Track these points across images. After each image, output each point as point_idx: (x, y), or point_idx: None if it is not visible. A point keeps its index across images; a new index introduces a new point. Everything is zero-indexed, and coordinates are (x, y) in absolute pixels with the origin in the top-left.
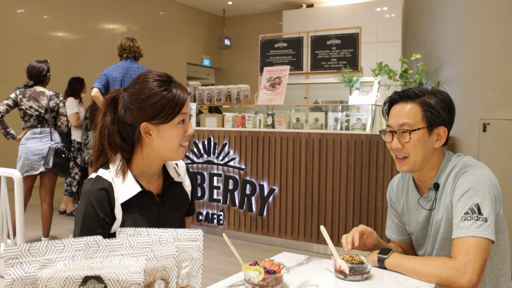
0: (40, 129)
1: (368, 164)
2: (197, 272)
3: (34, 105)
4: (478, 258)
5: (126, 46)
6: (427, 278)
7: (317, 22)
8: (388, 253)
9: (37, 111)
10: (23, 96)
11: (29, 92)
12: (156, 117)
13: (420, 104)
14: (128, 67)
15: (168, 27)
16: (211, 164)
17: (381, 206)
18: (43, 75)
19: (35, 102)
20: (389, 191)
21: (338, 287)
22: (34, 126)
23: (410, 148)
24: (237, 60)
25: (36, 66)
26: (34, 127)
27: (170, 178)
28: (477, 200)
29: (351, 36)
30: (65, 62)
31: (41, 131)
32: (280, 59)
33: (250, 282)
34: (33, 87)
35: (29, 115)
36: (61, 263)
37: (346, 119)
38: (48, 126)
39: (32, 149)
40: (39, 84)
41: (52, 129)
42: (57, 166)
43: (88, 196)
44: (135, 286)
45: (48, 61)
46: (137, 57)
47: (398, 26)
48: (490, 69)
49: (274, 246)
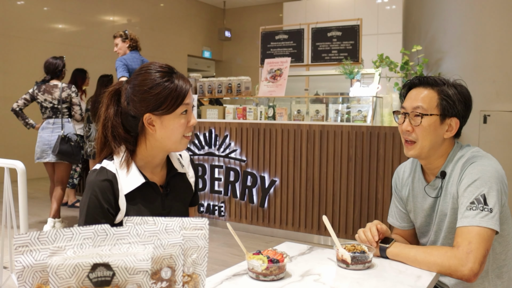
0: (53, 119)
1: (368, 156)
2: (202, 260)
3: (48, 97)
4: (480, 248)
5: (137, 38)
6: (429, 266)
7: (318, 14)
8: (389, 243)
9: (51, 103)
10: (39, 91)
11: (43, 86)
12: (159, 108)
13: (438, 92)
14: (142, 60)
15: (168, 19)
16: (212, 156)
17: (382, 197)
18: (59, 70)
19: (49, 94)
20: (395, 177)
21: (340, 276)
22: (49, 117)
23: (420, 133)
24: (237, 52)
25: (53, 62)
26: (49, 117)
27: (174, 169)
28: (483, 190)
29: (352, 28)
30: (65, 54)
31: (54, 121)
32: (281, 51)
33: (253, 271)
34: (50, 81)
35: (44, 107)
36: (71, 251)
37: (347, 111)
38: (61, 117)
39: (43, 139)
40: (55, 79)
41: (64, 119)
42: (64, 153)
43: (92, 187)
44: (143, 274)
45: (64, 57)
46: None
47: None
48: (490, 61)
49: (275, 237)
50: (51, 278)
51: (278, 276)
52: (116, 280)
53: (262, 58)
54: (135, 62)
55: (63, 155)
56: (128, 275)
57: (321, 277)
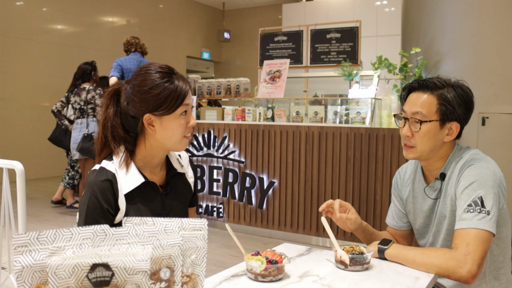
0: (81, 119)
1: (367, 158)
2: (201, 260)
3: (77, 99)
4: (478, 249)
5: (132, 41)
6: (427, 268)
7: (317, 15)
8: (388, 244)
9: (79, 104)
10: (71, 93)
11: (76, 89)
12: (159, 108)
13: (437, 96)
14: (140, 61)
15: (167, 20)
16: (211, 157)
17: (380, 199)
18: (87, 74)
19: (78, 97)
20: (396, 177)
21: (339, 277)
22: (78, 117)
23: (419, 139)
24: (236, 53)
25: (82, 67)
26: (78, 118)
27: (173, 169)
28: (480, 193)
29: (351, 29)
30: (64, 54)
31: (81, 121)
32: (280, 52)
33: (252, 272)
34: (81, 85)
35: (75, 108)
36: (70, 251)
37: (345, 113)
38: (87, 117)
39: (73, 138)
40: (86, 82)
41: (89, 119)
42: (85, 150)
43: (92, 187)
44: (142, 274)
45: (94, 61)
46: (143, 52)
47: (398, 20)
48: (489, 63)
49: (274, 238)
50: (50, 278)
51: (277, 277)
52: (115, 280)
53: (261, 60)
54: (131, 63)
55: (85, 152)
56: (127, 275)
57: (320, 278)
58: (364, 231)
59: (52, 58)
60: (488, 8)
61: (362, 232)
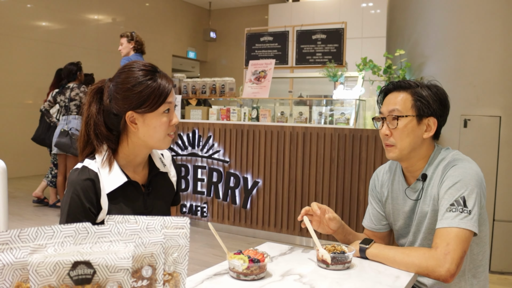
0: (65, 116)
1: (351, 158)
2: (183, 259)
3: (63, 97)
4: (458, 249)
5: (143, 41)
6: (407, 267)
7: (303, 16)
8: (369, 243)
9: (64, 102)
10: (58, 93)
11: (62, 89)
12: (142, 106)
13: (412, 93)
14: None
15: (153, 19)
16: (195, 157)
17: (363, 199)
18: (73, 74)
19: (63, 95)
20: (373, 179)
21: (321, 276)
22: (64, 114)
23: (397, 136)
24: (222, 53)
25: (67, 67)
26: (64, 115)
27: (156, 168)
28: (463, 193)
29: (336, 31)
30: (49, 52)
31: (65, 118)
32: (266, 52)
33: (234, 271)
34: (67, 84)
35: (61, 106)
36: (52, 249)
37: (330, 113)
38: (69, 114)
39: (55, 134)
40: (72, 81)
41: (71, 116)
42: (61, 145)
43: (74, 186)
44: (124, 272)
45: (79, 62)
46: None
47: (383, 22)
48: (471, 66)
49: (257, 238)
50: (31, 276)
51: (259, 275)
52: (97, 278)
53: (247, 60)
54: None
55: (61, 147)
56: (109, 273)
57: (302, 277)
58: (344, 231)
59: (37, 55)
60: (471, 12)
61: (342, 232)
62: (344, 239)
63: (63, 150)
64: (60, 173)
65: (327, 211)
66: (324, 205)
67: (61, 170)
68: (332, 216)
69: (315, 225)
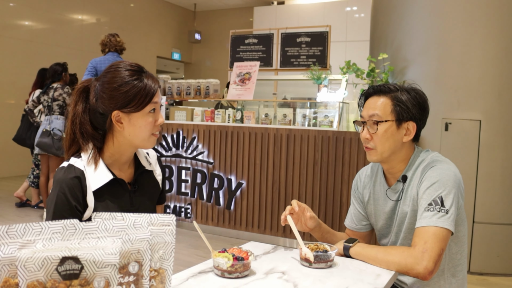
0: (48, 116)
1: (334, 160)
2: (169, 255)
3: (46, 97)
4: (435, 247)
5: (106, 41)
6: (388, 265)
7: (288, 19)
8: (353, 242)
9: (47, 102)
10: (42, 93)
11: (46, 89)
12: (128, 106)
13: (391, 98)
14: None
15: (138, 20)
16: (179, 158)
17: (346, 201)
18: (58, 74)
19: (47, 95)
20: (356, 180)
21: (304, 274)
22: (47, 114)
23: (378, 140)
24: (207, 54)
25: (53, 67)
26: (46, 115)
27: (142, 167)
28: (441, 193)
29: (321, 34)
30: (32, 52)
31: (48, 118)
32: (250, 55)
33: (219, 269)
34: (51, 84)
35: (44, 106)
36: (40, 244)
37: (314, 116)
38: (52, 114)
39: (37, 134)
40: (57, 82)
41: (53, 116)
42: (43, 145)
43: (60, 184)
44: (111, 267)
45: (65, 63)
46: (120, 50)
47: (366, 26)
48: (453, 71)
49: (241, 239)
50: (19, 271)
51: (243, 273)
52: (85, 273)
53: (232, 62)
54: (104, 64)
55: (42, 147)
56: (97, 269)
57: (285, 275)
58: (321, 229)
59: (19, 55)
60: (453, 18)
61: (319, 231)
62: (322, 237)
63: (44, 150)
64: (42, 174)
65: (307, 210)
66: (304, 204)
67: (43, 171)
68: (312, 215)
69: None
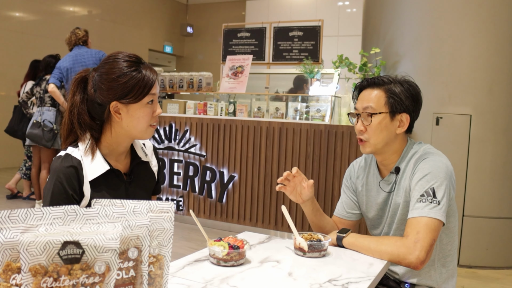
0: (39, 108)
1: (326, 154)
2: (168, 242)
3: (38, 89)
4: (427, 237)
5: (67, 41)
6: (381, 255)
7: (280, 13)
8: (346, 233)
9: (39, 93)
10: (35, 85)
11: (39, 81)
12: (126, 97)
13: (385, 90)
14: (76, 54)
15: (130, 12)
16: (171, 150)
17: (338, 194)
18: (50, 67)
19: (39, 87)
20: (349, 170)
21: (298, 263)
22: (39, 106)
23: (371, 132)
24: (199, 48)
25: (46, 59)
26: (39, 106)
27: (138, 158)
28: (433, 184)
29: (313, 28)
30: (23, 43)
31: (39, 109)
32: (243, 48)
33: (214, 257)
34: (44, 76)
35: (36, 97)
36: (43, 228)
37: (306, 110)
38: (44, 105)
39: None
40: (49, 74)
41: (45, 108)
42: (33, 137)
43: (57, 173)
44: (111, 252)
45: (58, 55)
46: (83, 41)
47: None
48: (444, 66)
49: (233, 232)
50: (22, 254)
51: (238, 261)
52: (86, 258)
53: (224, 55)
54: (65, 61)
55: (32, 138)
56: (97, 253)
57: (279, 264)
58: (313, 204)
59: (10, 46)
60: (445, 13)
61: (311, 205)
62: (311, 213)
63: (34, 142)
64: (34, 165)
65: (305, 180)
66: (303, 174)
67: (35, 162)
68: (310, 184)
69: (288, 191)
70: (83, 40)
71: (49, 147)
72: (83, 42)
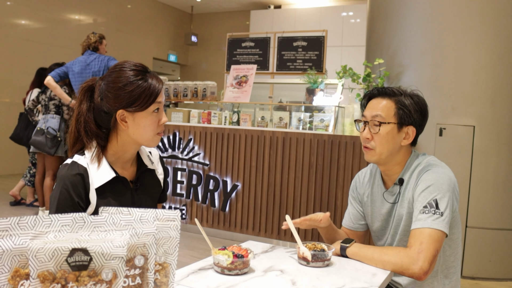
0: (44, 115)
1: (329, 164)
2: (174, 250)
3: (44, 97)
4: (431, 248)
5: (82, 44)
6: (384, 265)
7: (284, 23)
8: (350, 243)
9: (44, 101)
10: (41, 92)
11: (44, 88)
12: (132, 105)
13: (395, 101)
14: (86, 59)
15: (135, 21)
16: (175, 159)
17: (341, 204)
18: None
19: (45, 94)
20: (355, 180)
21: (301, 272)
22: (44, 113)
23: (378, 141)
24: (203, 57)
25: (52, 68)
26: (44, 114)
27: (144, 165)
28: (436, 196)
29: (317, 38)
30: (29, 51)
31: (44, 117)
32: (247, 58)
33: (219, 265)
34: None
35: (42, 105)
36: (52, 235)
37: (309, 120)
38: (48, 113)
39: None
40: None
41: (49, 115)
42: (36, 144)
43: (63, 180)
44: (119, 260)
45: (64, 63)
46: (94, 47)
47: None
48: (447, 77)
49: (236, 241)
50: (30, 260)
51: (242, 270)
52: (93, 265)
53: (228, 64)
54: (76, 65)
55: (36, 145)
56: (105, 261)
57: (283, 273)
58: (330, 225)
59: (16, 53)
60: (448, 25)
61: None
62: (326, 233)
63: (38, 149)
64: (38, 172)
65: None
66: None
67: (39, 169)
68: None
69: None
70: (93, 46)
71: (52, 154)
72: (94, 48)
